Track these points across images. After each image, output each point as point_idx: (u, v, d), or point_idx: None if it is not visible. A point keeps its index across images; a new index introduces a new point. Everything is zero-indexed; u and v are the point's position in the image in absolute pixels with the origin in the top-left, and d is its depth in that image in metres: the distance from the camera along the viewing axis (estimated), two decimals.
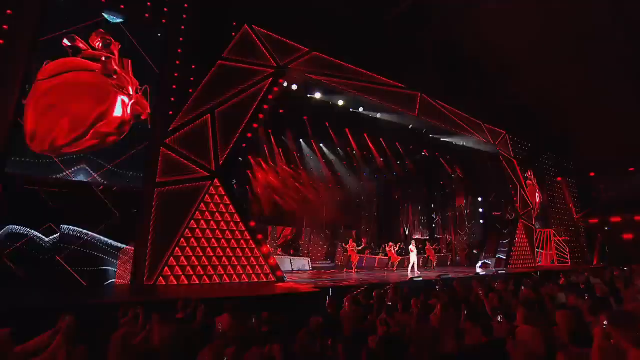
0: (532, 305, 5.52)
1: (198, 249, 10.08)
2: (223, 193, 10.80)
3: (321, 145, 19.96)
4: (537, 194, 20.24)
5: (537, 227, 20.33)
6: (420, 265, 16.41)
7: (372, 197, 24.94)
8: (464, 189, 22.50)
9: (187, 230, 9.96)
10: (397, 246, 18.28)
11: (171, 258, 9.60)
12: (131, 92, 9.13)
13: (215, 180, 10.64)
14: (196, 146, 10.40)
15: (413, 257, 15.82)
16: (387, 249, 17.38)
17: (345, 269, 15.85)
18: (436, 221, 24.70)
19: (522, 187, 19.73)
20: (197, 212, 10.22)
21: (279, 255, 17.21)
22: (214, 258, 10.29)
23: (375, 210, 25.19)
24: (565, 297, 7.62)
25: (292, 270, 15.50)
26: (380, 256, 21.21)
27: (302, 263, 17.00)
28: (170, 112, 10.14)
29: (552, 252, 20.35)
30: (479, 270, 17.49)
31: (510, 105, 18.63)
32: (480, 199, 22.03)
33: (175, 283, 9.57)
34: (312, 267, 17.15)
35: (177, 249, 9.71)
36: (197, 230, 10.17)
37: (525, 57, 18.82)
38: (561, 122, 19.98)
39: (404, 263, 18.36)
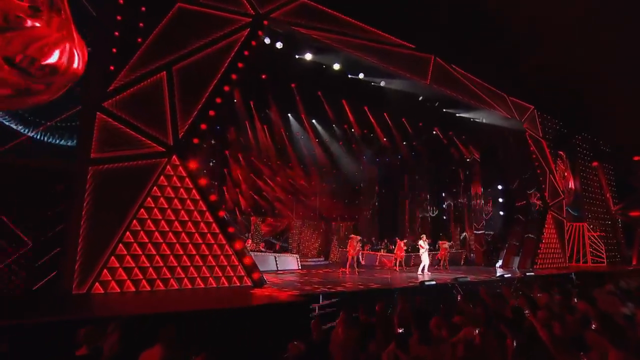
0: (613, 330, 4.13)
1: (149, 245, 8.69)
2: (184, 174, 9.42)
3: (313, 121, 18.89)
4: (569, 181, 19.02)
5: (569, 220, 19.14)
6: (430, 263, 15.30)
7: (373, 184, 24.09)
8: (481, 175, 21.42)
9: (134, 221, 8.53)
10: (404, 243, 17.05)
11: (112, 258, 8.16)
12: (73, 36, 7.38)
13: (174, 157, 9.27)
14: (147, 113, 9.01)
15: (424, 256, 14.69)
16: (399, 244, 16.30)
17: (341, 269, 14.51)
18: (448, 212, 23.76)
19: (552, 172, 18.54)
20: (148, 199, 8.82)
21: (261, 251, 16.20)
22: (170, 257, 8.96)
23: (377, 199, 24.32)
24: (630, 310, 6.41)
25: (277, 270, 14.65)
26: (382, 252, 20.20)
27: (290, 261, 15.86)
28: (112, 68, 8.56)
29: (585, 250, 19.26)
30: (500, 271, 16.44)
31: (540, 75, 17.34)
32: (500, 187, 20.94)
33: (118, 290, 8.15)
34: (301, 265, 16.07)
35: (120, 246, 8.28)
36: (149, 221, 8.76)
37: (561, 20, 17.37)
38: (599, 98, 18.71)
39: (409, 261, 17.38)
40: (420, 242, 14.90)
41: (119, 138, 8.52)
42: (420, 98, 15.96)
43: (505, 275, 13.04)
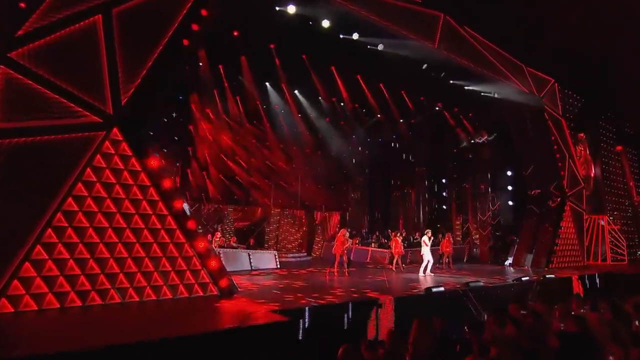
0: None
1: (81, 246, 7.35)
2: (129, 153, 8.07)
3: (296, 92, 17.95)
4: (589, 167, 18.40)
5: (588, 212, 18.78)
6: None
7: (365, 167, 23.48)
8: (489, 159, 20.86)
9: (58, 215, 7.14)
10: (401, 236, 16.24)
11: (26, 264, 6.72)
12: None
13: (114, 130, 7.87)
14: (75, 70, 7.49)
15: (427, 253, 13.82)
16: (393, 238, 15.54)
17: (328, 269, 13.79)
18: (449, 202, 23.26)
19: (572, 157, 17.95)
20: (78, 185, 7.42)
21: (233, 247, 15.20)
22: (110, 262, 7.62)
23: (368, 185, 23.87)
24: None
25: (251, 270, 13.90)
26: (373, 247, 19.41)
27: (266, 259, 15.07)
28: (22, 5, 6.88)
29: (605, 246, 18.83)
30: (511, 270, 15.80)
31: (564, 44, 16.54)
32: (510, 173, 20.27)
33: (35, 308, 6.72)
34: (279, 263, 15.25)
35: (38, 248, 6.88)
36: (80, 215, 7.41)
37: None
38: (628, 75, 17.91)
39: (405, 258, 16.67)
40: (424, 238, 14.03)
41: (34, 103, 6.97)
42: (425, 66, 14.89)
43: (524, 279, 12.12)
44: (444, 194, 23.43)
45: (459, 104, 18.74)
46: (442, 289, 10.26)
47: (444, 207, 23.35)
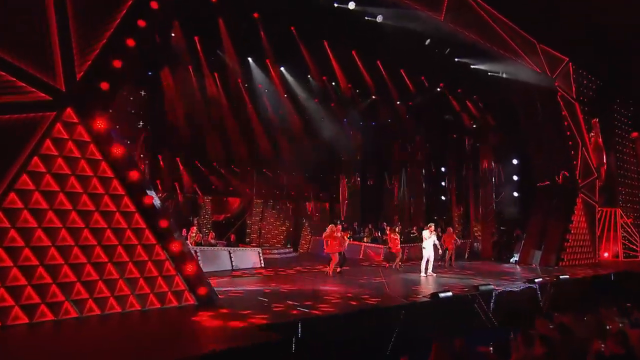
0: None
1: (27, 251, 6.59)
2: (86, 138, 7.32)
3: (282, 69, 17.62)
4: (601, 155, 18.25)
5: (601, 204, 18.76)
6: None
7: (357, 154, 22.96)
8: (492, 146, 20.61)
9: None
10: (396, 230, 15.87)
11: None
12: None
13: (68, 111, 7.13)
14: (17, 37, 6.74)
15: (428, 249, 13.35)
16: (390, 233, 15.22)
17: (326, 270, 13.16)
18: (448, 192, 23.04)
19: (585, 144, 17.76)
20: (23, 176, 6.68)
21: (211, 244, 14.49)
22: (64, 268, 6.88)
23: (360, 173, 23.41)
24: None
25: (232, 270, 13.37)
26: (365, 242, 19.04)
27: (249, 257, 14.49)
28: None
29: (617, 241, 18.81)
30: (518, 269, 15.64)
31: (581, 19, 16.22)
32: (515, 162, 20.10)
33: None
34: (264, 261, 14.67)
35: None
36: (25, 213, 6.65)
37: None
38: None
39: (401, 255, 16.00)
40: (425, 233, 13.56)
41: None
42: (428, 41, 14.52)
43: (537, 280, 11.81)
44: (443, 183, 23.25)
45: (463, 85, 18.46)
46: (449, 293, 9.85)
47: (443, 197, 23.16)
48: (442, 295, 9.63)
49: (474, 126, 21.26)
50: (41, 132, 6.80)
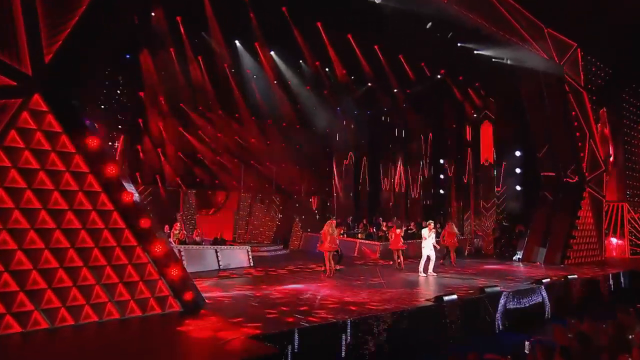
0: None
1: None
2: (58, 129, 6.90)
3: (272, 53, 17.53)
4: (608, 147, 18.24)
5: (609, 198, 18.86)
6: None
7: (350, 146, 22.99)
8: (494, 137, 20.73)
9: None
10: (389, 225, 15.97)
11: None
12: None
13: (36, 98, 6.72)
14: None
15: (427, 248, 13.17)
16: (388, 229, 15.53)
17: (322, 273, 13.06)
18: (447, 185, 23.06)
19: (593, 136, 17.75)
20: None
21: (196, 242, 14.23)
22: (33, 274, 6.48)
23: (353, 165, 23.36)
24: None
25: (219, 270, 13.24)
26: (360, 239, 18.94)
27: (237, 255, 14.38)
28: None
29: (624, 237, 18.98)
30: (521, 266, 15.63)
31: (588, 2, 15.92)
32: (518, 153, 20.11)
33: None
34: (253, 260, 14.56)
35: None
36: None
37: None
38: None
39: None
40: (425, 232, 13.37)
41: None
42: (429, 25, 14.40)
43: (544, 281, 11.70)
44: (442, 176, 23.23)
45: (464, 72, 18.56)
46: (454, 296, 9.64)
47: (442, 191, 23.17)
48: (446, 298, 9.41)
49: (474, 115, 21.26)
50: (5, 122, 6.37)
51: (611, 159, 18.57)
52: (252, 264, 14.24)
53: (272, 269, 13.71)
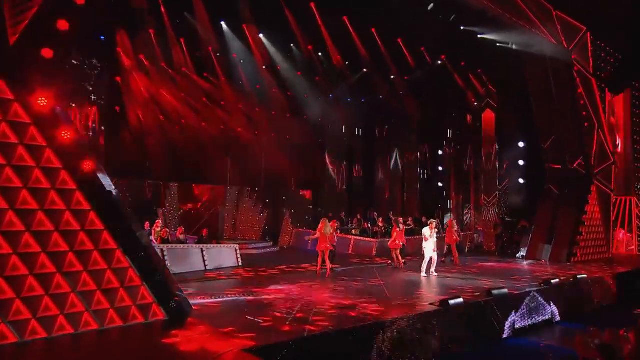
0: None
1: None
2: (26, 119, 6.62)
3: (261, 36, 17.42)
4: (616, 137, 18.35)
5: (617, 192, 18.93)
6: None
7: (343, 136, 23.11)
8: (497, 127, 20.84)
9: None
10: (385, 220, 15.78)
11: None
12: None
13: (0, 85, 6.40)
14: None
15: (430, 248, 13.05)
16: (394, 223, 15.03)
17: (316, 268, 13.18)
18: (446, 178, 23.28)
19: (601, 126, 17.76)
20: None
21: (180, 241, 14.15)
22: (0, 282, 6.17)
23: (348, 156, 23.43)
24: None
25: (205, 270, 13.23)
26: (354, 235, 18.98)
27: (225, 255, 14.36)
28: None
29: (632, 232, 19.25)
30: (524, 263, 15.77)
31: None
32: (522, 144, 20.27)
33: None
34: (241, 259, 14.48)
35: None
36: None
37: None
38: None
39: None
40: (426, 231, 13.23)
41: None
42: (431, 6, 14.42)
43: (553, 281, 11.68)
44: (441, 168, 23.37)
45: (467, 57, 18.55)
46: (460, 300, 9.51)
47: (440, 184, 23.35)
48: (452, 302, 9.28)
49: (476, 104, 21.30)
50: None
51: (619, 149, 18.55)
52: (240, 264, 14.18)
53: (262, 269, 13.66)
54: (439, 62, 18.98)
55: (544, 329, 10.49)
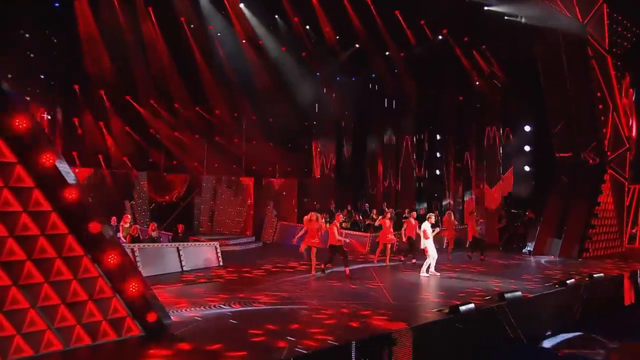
0: None
1: None
2: None
3: (241, 6, 17.40)
4: (632, 121, 18.60)
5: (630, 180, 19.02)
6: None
7: (332, 119, 23.16)
8: (501, 109, 20.91)
9: None
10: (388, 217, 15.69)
11: None
12: None
13: None
14: None
15: (431, 246, 12.98)
16: (382, 219, 15.08)
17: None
18: (445, 166, 23.27)
19: (617, 108, 17.80)
20: None
21: (152, 239, 14.13)
22: None
23: (337, 141, 23.53)
24: None
25: (182, 272, 13.16)
26: (344, 229, 19.07)
27: (204, 253, 14.41)
28: None
29: None
30: (531, 260, 15.86)
31: None
32: (528, 128, 20.33)
33: None
34: (221, 257, 14.53)
35: None
36: None
37: None
38: None
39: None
40: (427, 226, 13.09)
41: None
42: None
43: (569, 282, 11.66)
44: (439, 154, 23.38)
45: (470, 32, 18.58)
46: (471, 306, 9.44)
47: (438, 172, 23.38)
48: (463, 308, 9.18)
49: (477, 83, 21.37)
50: None
51: (633, 134, 18.69)
52: (221, 263, 14.19)
53: (246, 269, 13.61)
54: (440, 38, 19.01)
55: (561, 335, 10.44)
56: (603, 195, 17.15)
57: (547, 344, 10.02)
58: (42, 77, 16.44)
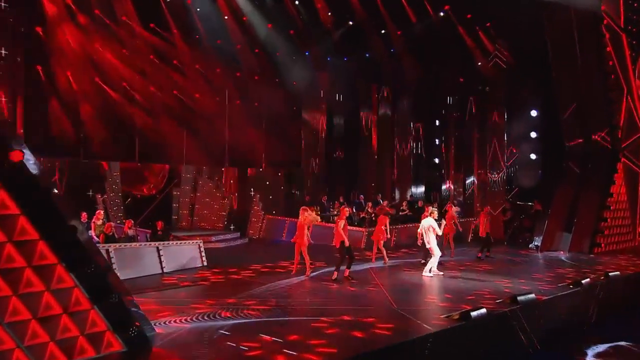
0: None
1: None
2: None
3: None
4: None
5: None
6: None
7: (323, 103, 23.14)
8: (505, 93, 21.06)
9: None
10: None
11: None
12: None
13: None
14: None
15: (434, 245, 12.99)
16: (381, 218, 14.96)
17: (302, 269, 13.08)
18: (444, 153, 23.51)
19: (631, 91, 17.84)
20: None
21: (129, 238, 13.98)
22: None
23: (328, 127, 23.52)
24: None
25: (162, 274, 13.11)
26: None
27: (186, 253, 14.39)
28: None
29: None
30: (540, 256, 15.99)
31: None
32: (534, 113, 20.33)
33: None
34: (205, 257, 14.49)
35: None
36: None
37: None
38: None
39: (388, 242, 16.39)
40: (432, 222, 13.09)
41: None
42: None
43: (584, 282, 11.72)
44: (437, 141, 23.52)
45: (474, 9, 18.66)
46: (483, 311, 9.40)
47: (437, 160, 23.54)
48: (474, 314, 9.15)
49: (479, 64, 21.39)
50: None
51: None
52: (205, 264, 14.16)
53: (233, 270, 13.54)
54: (442, 14, 19.02)
55: (577, 340, 10.51)
56: (616, 185, 17.23)
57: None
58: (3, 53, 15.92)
